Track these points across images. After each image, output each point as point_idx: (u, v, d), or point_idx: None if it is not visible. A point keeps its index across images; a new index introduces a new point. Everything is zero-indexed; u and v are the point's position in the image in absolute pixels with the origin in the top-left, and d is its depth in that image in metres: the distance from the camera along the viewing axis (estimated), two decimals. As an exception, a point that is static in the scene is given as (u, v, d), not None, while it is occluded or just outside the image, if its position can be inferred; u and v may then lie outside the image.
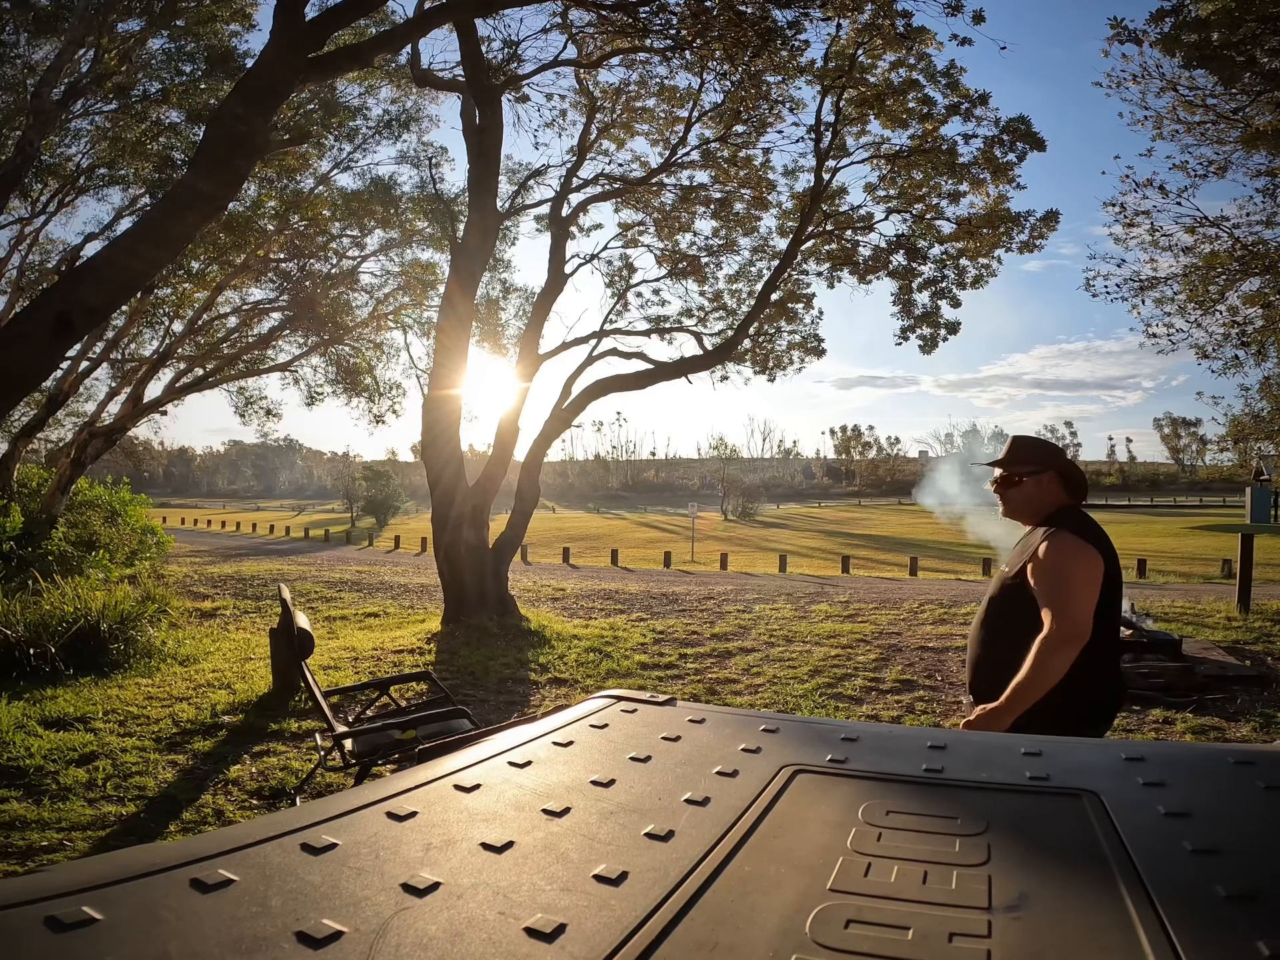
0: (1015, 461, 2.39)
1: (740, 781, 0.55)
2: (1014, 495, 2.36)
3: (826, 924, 0.37)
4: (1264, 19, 7.70)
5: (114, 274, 5.16)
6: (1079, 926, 0.37)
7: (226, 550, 22.89)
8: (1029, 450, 2.41)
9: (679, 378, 11.04)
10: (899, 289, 12.02)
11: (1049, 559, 2.14)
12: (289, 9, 5.47)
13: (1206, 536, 26.40)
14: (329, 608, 11.02)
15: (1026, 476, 2.35)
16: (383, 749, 3.59)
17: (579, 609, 10.64)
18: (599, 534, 32.50)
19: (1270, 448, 21.77)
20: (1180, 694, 5.78)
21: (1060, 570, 2.12)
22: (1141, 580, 13.87)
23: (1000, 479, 2.41)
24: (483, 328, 13.96)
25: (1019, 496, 2.36)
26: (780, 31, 8.31)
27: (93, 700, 5.70)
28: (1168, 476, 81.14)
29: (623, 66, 10.39)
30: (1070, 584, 2.09)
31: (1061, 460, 2.38)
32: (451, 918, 0.36)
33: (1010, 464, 2.39)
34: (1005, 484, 2.39)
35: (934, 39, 9.84)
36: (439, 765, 0.57)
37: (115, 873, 0.38)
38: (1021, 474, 2.35)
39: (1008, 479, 2.38)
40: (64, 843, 3.55)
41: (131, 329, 14.77)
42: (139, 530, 15.05)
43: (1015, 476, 2.36)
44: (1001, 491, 2.39)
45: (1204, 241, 10.58)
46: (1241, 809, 0.50)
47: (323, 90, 11.77)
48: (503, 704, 6.10)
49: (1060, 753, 0.60)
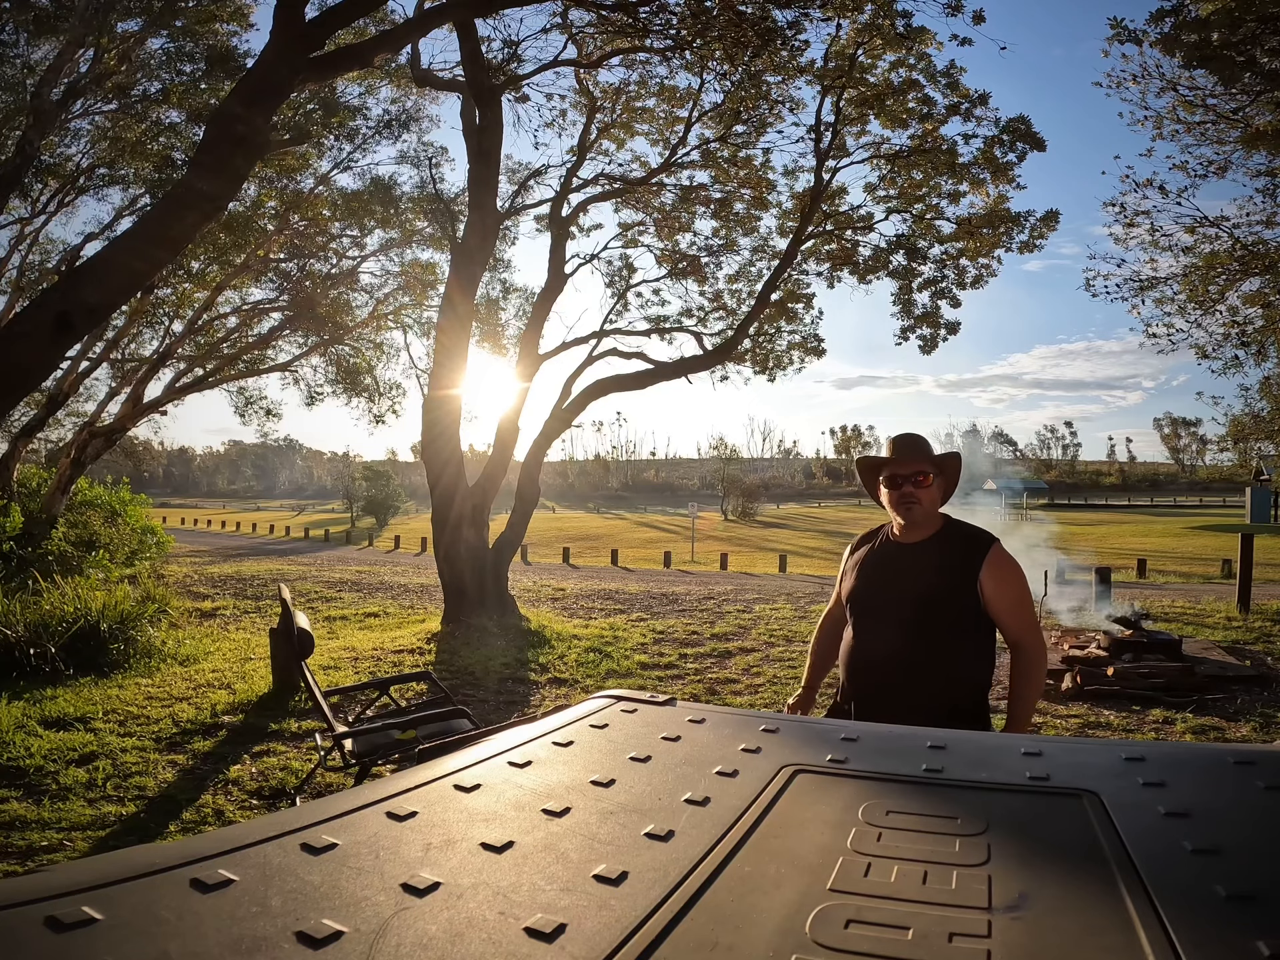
0: (928, 459, 2.24)
1: (740, 781, 0.55)
2: (925, 497, 2.21)
3: (826, 924, 0.37)
4: (1264, 19, 7.70)
5: (114, 274, 5.16)
6: (1079, 926, 0.37)
7: (226, 550, 22.89)
8: (929, 448, 2.29)
9: (679, 378, 11.05)
10: (899, 289, 12.03)
11: (1015, 576, 2.18)
12: (289, 9, 5.47)
13: (1206, 536, 26.40)
14: (329, 608, 11.02)
15: (934, 476, 2.23)
16: (383, 749, 3.59)
17: (579, 609, 10.64)
18: (599, 534, 32.50)
19: (1270, 448, 21.77)
20: (1180, 694, 5.78)
21: (1025, 587, 2.22)
22: (1141, 580, 13.87)
23: (912, 479, 2.21)
24: (483, 328, 13.96)
25: (929, 499, 2.22)
26: (780, 31, 8.31)
27: (93, 700, 5.70)
28: (1168, 476, 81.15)
29: (623, 66, 10.39)
30: (1030, 602, 2.27)
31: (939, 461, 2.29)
32: (451, 918, 0.36)
33: (925, 461, 2.23)
34: (918, 485, 2.21)
35: (934, 39, 9.84)
36: (439, 765, 0.57)
37: (115, 873, 0.38)
38: (930, 473, 2.22)
39: (920, 480, 2.21)
40: (64, 843, 3.55)
41: (131, 329, 14.77)
42: (139, 530, 15.04)
43: (926, 477, 2.21)
44: (913, 493, 2.20)
45: (1204, 241, 10.60)
46: (1241, 809, 0.50)
47: (323, 90, 11.76)
48: (503, 704, 6.10)
49: (1060, 753, 0.60)
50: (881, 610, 2.19)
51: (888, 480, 2.24)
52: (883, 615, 2.18)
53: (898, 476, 2.22)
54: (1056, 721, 5.40)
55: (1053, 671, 6.48)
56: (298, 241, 14.24)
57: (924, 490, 2.20)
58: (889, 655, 2.14)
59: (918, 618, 2.12)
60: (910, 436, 2.30)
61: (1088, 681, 6.02)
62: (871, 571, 2.27)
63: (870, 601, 2.23)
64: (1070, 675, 6.16)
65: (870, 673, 2.18)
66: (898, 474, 2.22)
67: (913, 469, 2.21)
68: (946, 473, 2.28)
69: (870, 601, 2.23)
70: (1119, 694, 5.86)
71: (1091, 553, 16.29)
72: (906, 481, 2.20)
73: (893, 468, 2.24)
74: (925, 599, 2.13)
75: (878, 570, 2.25)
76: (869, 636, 2.20)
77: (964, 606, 2.14)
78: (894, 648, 2.13)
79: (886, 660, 2.14)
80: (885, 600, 2.19)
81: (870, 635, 2.20)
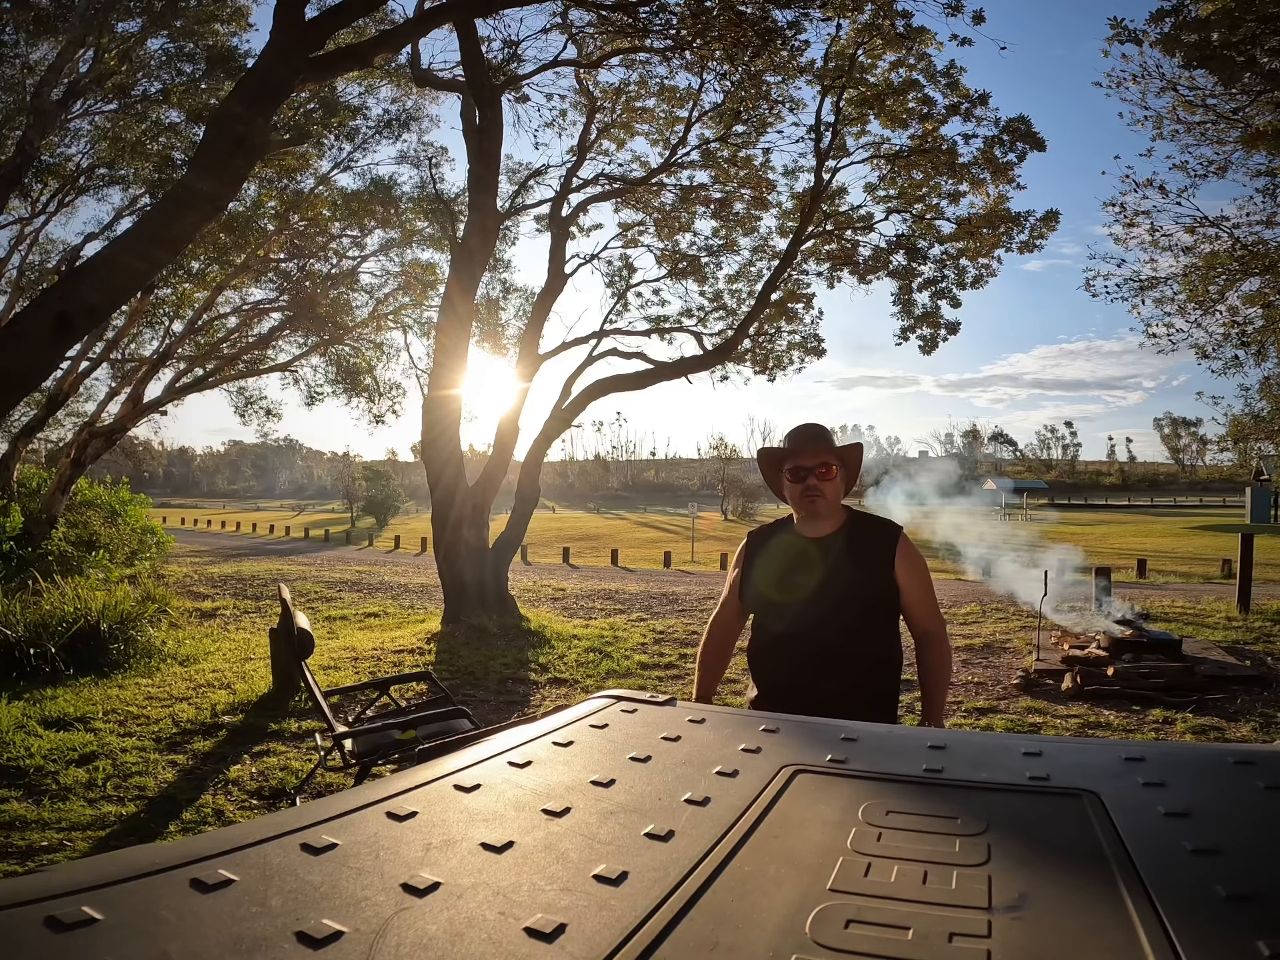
0: (831, 451, 2.20)
1: (740, 781, 0.55)
2: (830, 490, 2.16)
3: (826, 924, 0.37)
4: (1264, 19, 7.70)
5: (114, 274, 5.16)
6: (1079, 926, 0.37)
7: (226, 550, 22.89)
8: (831, 440, 2.25)
9: (679, 378, 11.05)
10: (899, 289, 12.03)
11: (923, 564, 2.21)
12: (289, 9, 5.47)
13: (1206, 536, 26.40)
14: (329, 608, 11.02)
15: (838, 468, 2.19)
16: (383, 749, 3.59)
17: (579, 609, 10.63)
18: (599, 534, 32.50)
19: (1270, 448, 21.78)
20: (1180, 694, 5.78)
21: (929, 576, 2.23)
22: (1141, 580, 13.87)
23: (816, 471, 2.16)
24: (483, 328, 13.96)
25: (833, 492, 2.17)
26: (780, 31, 8.31)
27: (93, 700, 5.70)
28: (1168, 476, 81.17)
29: (623, 66, 10.40)
30: (933, 590, 2.25)
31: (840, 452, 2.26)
32: (451, 918, 0.36)
33: (828, 453, 2.19)
34: (822, 478, 2.16)
35: (934, 39, 9.84)
36: (439, 765, 0.57)
37: (115, 873, 0.38)
38: (833, 465, 2.17)
39: (824, 472, 2.16)
40: (64, 843, 3.55)
41: (131, 329, 14.77)
42: (139, 530, 15.04)
43: (829, 469, 2.16)
44: (818, 485, 2.15)
45: (1204, 241, 10.60)
46: (1241, 809, 0.50)
47: (323, 90, 11.77)
48: (503, 704, 6.10)
49: (1060, 753, 0.60)
50: (796, 604, 2.15)
51: (791, 473, 2.19)
52: (798, 609, 2.14)
53: (801, 469, 2.17)
54: (1056, 721, 5.40)
55: (1053, 671, 6.48)
56: (298, 241, 14.24)
57: (828, 483, 2.16)
58: (809, 647, 2.11)
59: (837, 608, 2.10)
60: (812, 427, 2.25)
61: (1088, 681, 6.03)
62: (780, 566, 2.21)
63: (783, 596, 2.17)
64: (1070, 675, 6.17)
65: (789, 665, 2.15)
66: (801, 466, 2.17)
67: (816, 461, 2.16)
68: (849, 464, 2.25)
69: (783, 596, 2.17)
70: (1119, 694, 5.85)
71: (1092, 553, 16.29)
72: (810, 474, 2.16)
73: (796, 460, 2.19)
74: (843, 590, 2.11)
75: (787, 564, 2.20)
76: (785, 630, 2.17)
77: (880, 596, 2.14)
78: (815, 639, 2.11)
79: (807, 652, 2.12)
80: (800, 593, 2.14)
81: (787, 628, 2.17)
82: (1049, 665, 6.63)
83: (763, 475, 2.35)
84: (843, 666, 2.08)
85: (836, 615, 2.11)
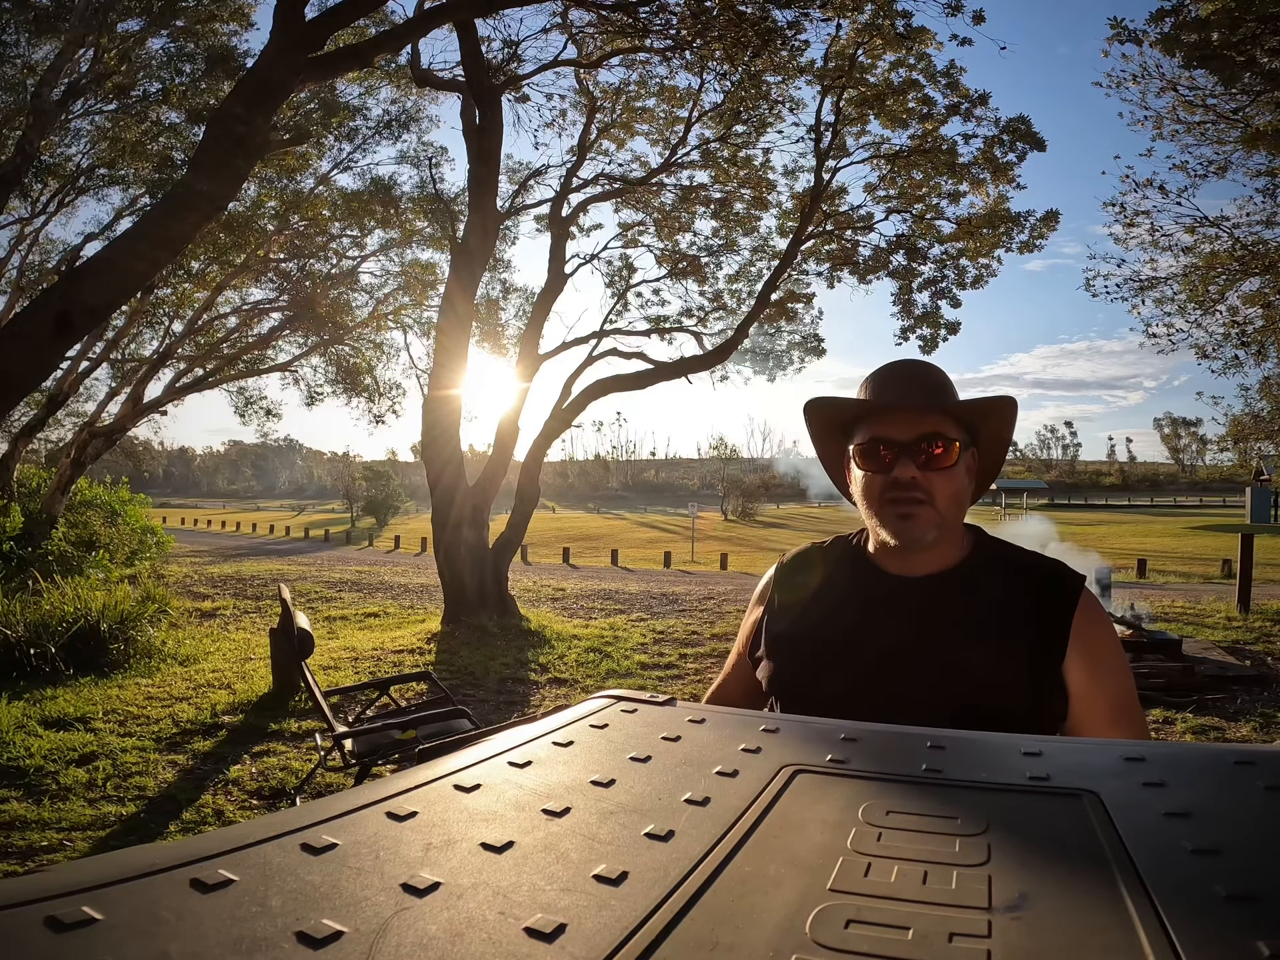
0: (953, 410, 1.14)
1: (740, 781, 0.55)
2: (947, 488, 1.11)
3: (826, 924, 0.37)
4: (1264, 19, 7.70)
5: (114, 274, 5.16)
6: (1079, 926, 0.37)
7: (226, 550, 22.89)
8: (951, 388, 1.18)
9: (679, 378, 11.05)
10: (899, 289, 12.04)
11: (1117, 647, 1.15)
12: (289, 9, 5.47)
13: (1206, 536, 26.40)
14: (329, 608, 11.02)
15: (961, 446, 1.13)
16: (383, 749, 3.59)
17: (579, 609, 10.64)
18: (599, 534, 32.50)
19: (1270, 448, 21.78)
20: (1180, 694, 5.78)
21: (1129, 669, 1.17)
22: (1141, 580, 13.87)
23: (924, 447, 1.11)
24: (483, 328, 13.97)
25: (953, 491, 1.12)
26: (780, 31, 8.31)
27: (93, 700, 5.70)
28: (1168, 476, 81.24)
29: (623, 66, 10.40)
30: (1136, 694, 1.17)
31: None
32: (451, 918, 0.36)
33: (946, 414, 1.14)
34: (931, 461, 1.11)
35: (934, 39, 9.85)
36: (439, 765, 0.57)
37: (115, 873, 0.38)
38: (956, 440, 1.12)
39: (936, 449, 1.11)
40: (64, 843, 3.55)
41: (131, 329, 14.78)
42: (139, 530, 15.05)
43: (946, 446, 1.11)
44: (922, 479, 1.10)
45: (1204, 241, 10.60)
46: (1241, 809, 0.50)
47: (323, 90, 11.77)
48: (503, 704, 6.10)
49: (1060, 753, 0.60)
50: (858, 706, 0.94)
51: (866, 451, 1.13)
52: (862, 712, 0.91)
53: (889, 443, 1.11)
54: (1056, 721, 5.40)
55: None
56: (298, 241, 14.25)
57: (943, 474, 1.11)
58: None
59: (931, 716, 0.91)
60: (913, 365, 1.20)
61: (1088, 681, 6.02)
62: (834, 629, 1.16)
63: (834, 689, 1.10)
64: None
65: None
66: (889, 439, 1.11)
67: (919, 430, 1.11)
68: (988, 439, 1.19)
69: (834, 689, 1.10)
70: (1119, 694, 5.85)
71: (1092, 552, 16.28)
72: (907, 454, 1.10)
73: (881, 425, 1.13)
74: (951, 684, 1.07)
75: (849, 627, 1.16)
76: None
77: (1025, 707, 1.07)
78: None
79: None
80: (870, 686, 1.08)
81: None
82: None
83: (819, 456, 1.28)
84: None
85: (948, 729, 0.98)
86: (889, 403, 1.14)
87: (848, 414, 1.20)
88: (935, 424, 1.12)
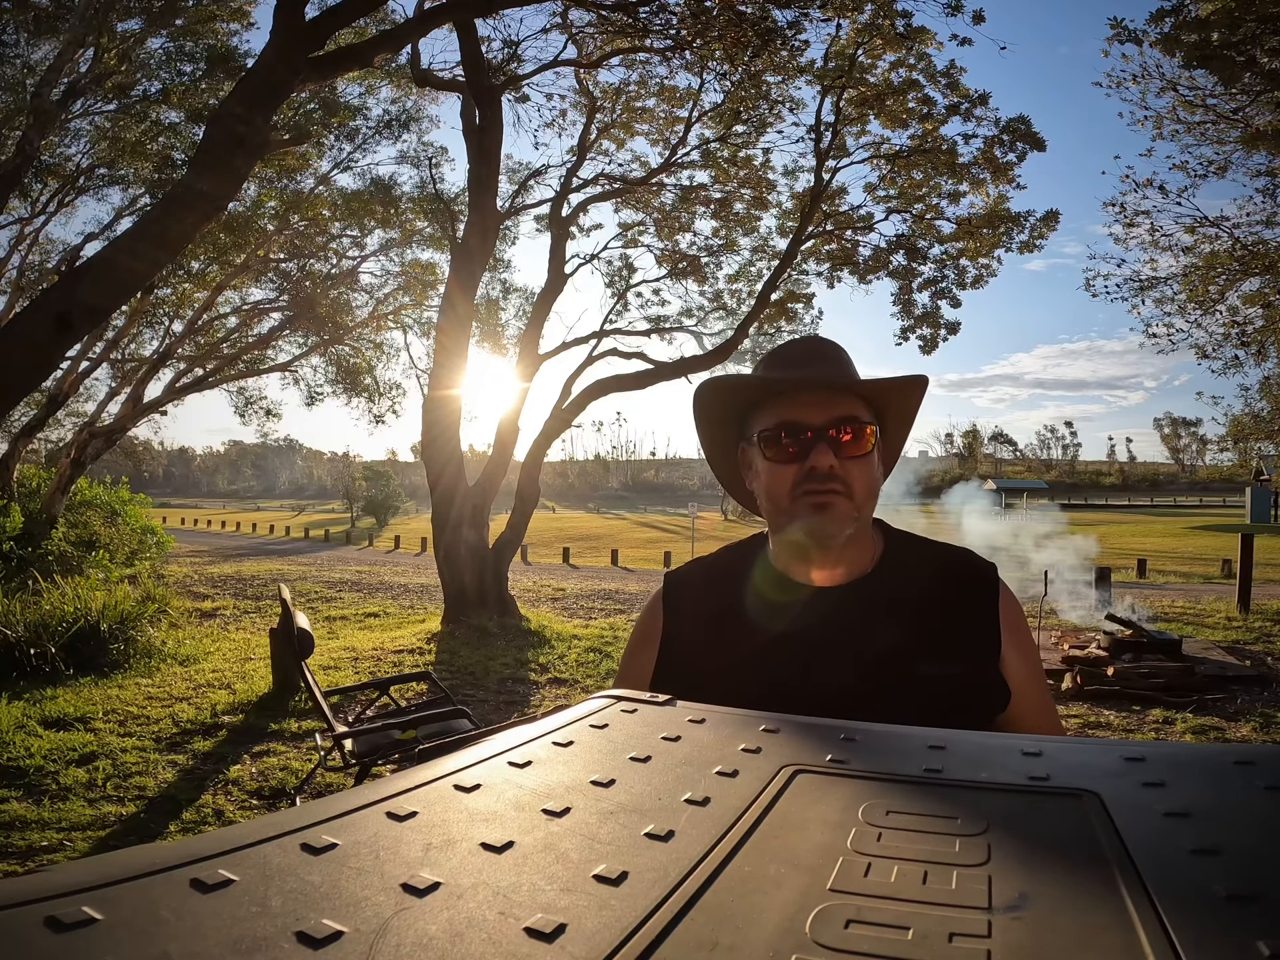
0: (865, 391, 1.05)
1: (740, 781, 0.55)
2: (863, 478, 1.01)
3: (826, 924, 0.37)
4: (1264, 19, 7.70)
5: (114, 274, 5.16)
6: (1079, 926, 0.37)
7: (226, 550, 22.89)
8: (852, 366, 1.09)
9: (679, 378, 11.05)
10: (899, 289, 12.04)
11: (1030, 636, 1.11)
12: (289, 9, 5.47)
13: (1206, 536, 26.40)
14: (329, 608, 11.02)
15: (874, 430, 1.03)
16: (383, 749, 3.59)
17: (579, 609, 10.64)
18: (599, 534, 32.49)
19: (1270, 448, 21.78)
20: (1180, 694, 5.78)
21: (1039, 655, 1.18)
22: (1141, 580, 13.87)
23: (836, 430, 1.00)
24: (483, 328, 13.97)
25: (867, 481, 1.02)
26: (780, 31, 8.32)
27: (93, 700, 5.70)
28: (1168, 476, 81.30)
29: (623, 66, 10.40)
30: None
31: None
32: (451, 918, 0.36)
33: (859, 394, 1.04)
34: (845, 446, 1.00)
35: (934, 39, 9.85)
36: (439, 765, 0.57)
37: (115, 873, 0.38)
38: (867, 423, 1.02)
39: (847, 435, 1.00)
40: (64, 843, 3.55)
41: (131, 329, 14.77)
42: (139, 530, 15.05)
43: (862, 430, 1.01)
44: (838, 468, 0.98)
45: (1204, 241, 10.61)
46: (1241, 809, 0.50)
47: (323, 90, 11.77)
48: (503, 704, 6.10)
49: (1060, 753, 0.60)
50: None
51: (770, 440, 1.01)
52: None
53: (799, 428, 0.99)
54: (1056, 721, 5.40)
55: (1053, 671, 6.48)
56: (298, 241, 14.25)
57: (859, 462, 1.00)
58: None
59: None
60: (815, 343, 1.08)
61: (1088, 681, 6.03)
62: (744, 654, 1.02)
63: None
64: (1070, 675, 6.17)
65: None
66: (804, 422, 0.99)
67: (837, 413, 1.00)
68: (892, 422, 1.09)
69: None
70: (1119, 694, 5.86)
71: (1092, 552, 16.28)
72: (826, 440, 0.99)
73: (792, 409, 1.00)
74: (918, 712, 0.89)
75: (760, 651, 1.02)
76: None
77: (974, 705, 1.00)
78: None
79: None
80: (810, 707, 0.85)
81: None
82: (1049, 665, 6.63)
83: (706, 451, 1.17)
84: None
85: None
86: (805, 377, 1.00)
87: (747, 397, 1.06)
88: (849, 407, 1.01)
